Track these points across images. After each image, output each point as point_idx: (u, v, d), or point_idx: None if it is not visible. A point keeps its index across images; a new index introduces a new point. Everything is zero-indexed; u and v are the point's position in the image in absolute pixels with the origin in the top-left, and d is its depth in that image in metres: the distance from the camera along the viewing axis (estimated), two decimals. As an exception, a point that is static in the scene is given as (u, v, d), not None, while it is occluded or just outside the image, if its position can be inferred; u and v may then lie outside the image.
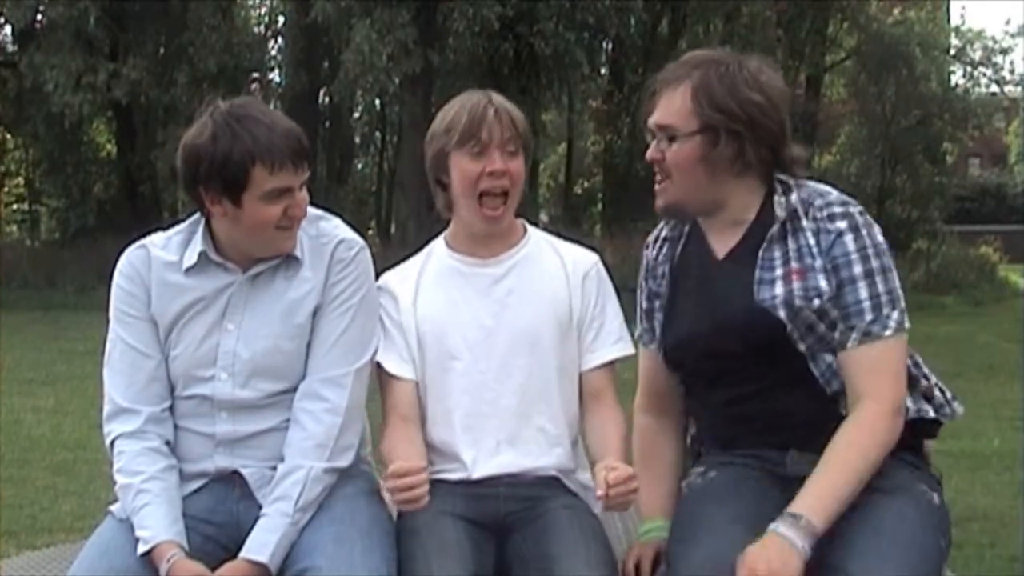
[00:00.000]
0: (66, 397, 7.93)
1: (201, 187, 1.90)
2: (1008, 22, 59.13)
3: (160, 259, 2.02)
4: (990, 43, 22.11)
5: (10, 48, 19.06)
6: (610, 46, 20.38)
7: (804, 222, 1.88)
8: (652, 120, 1.94)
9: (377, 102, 20.14)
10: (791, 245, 1.88)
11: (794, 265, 1.86)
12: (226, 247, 1.98)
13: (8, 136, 21.47)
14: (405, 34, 14.44)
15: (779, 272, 1.87)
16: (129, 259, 2.05)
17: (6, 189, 22.98)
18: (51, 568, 2.21)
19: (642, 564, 1.95)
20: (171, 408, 2.02)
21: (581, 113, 21.90)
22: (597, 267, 2.21)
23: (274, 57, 19.76)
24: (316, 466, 1.93)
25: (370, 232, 22.10)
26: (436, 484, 1.93)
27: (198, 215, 2.00)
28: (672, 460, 2.09)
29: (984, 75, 22.22)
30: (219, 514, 1.99)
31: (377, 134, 22.89)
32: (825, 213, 1.88)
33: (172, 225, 2.09)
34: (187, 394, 2.01)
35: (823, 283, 1.84)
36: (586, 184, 24.86)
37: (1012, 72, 22.82)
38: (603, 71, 21.38)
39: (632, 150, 21.97)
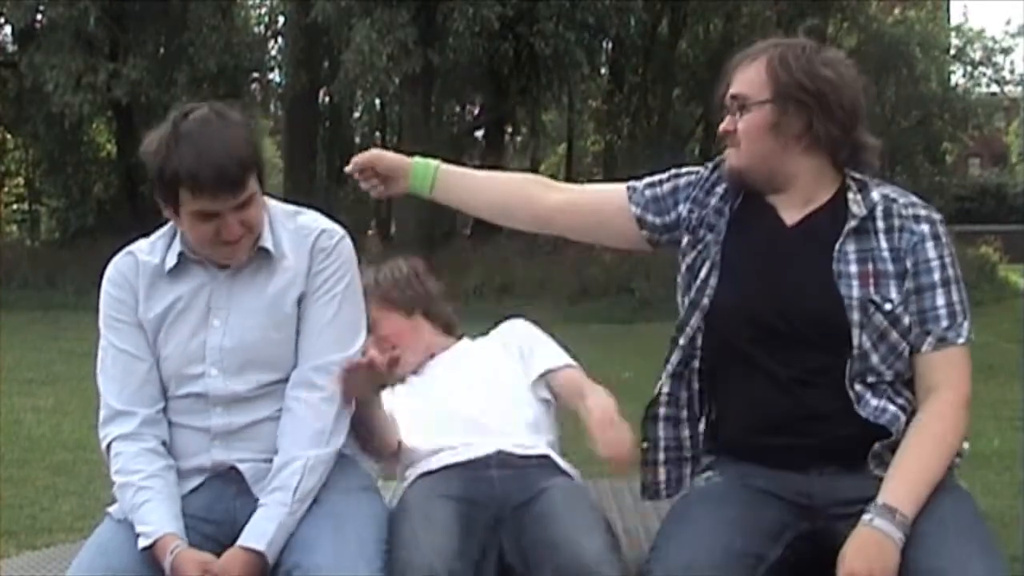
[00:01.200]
0: (66, 397, 7.93)
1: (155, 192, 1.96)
2: (1008, 22, 59.02)
3: (146, 263, 2.05)
4: (990, 43, 22.13)
5: (10, 48, 19.06)
6: (610, 46, 20.38)
7: (880, 223, 1.90)
8: (728, 93, 1.96)
9: (377, 102, 20.14)
10: (867, 244, 1.88)
11: (870, 267, 1.87)
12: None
13: (8, 136, 21.46)
14: (405, 34, 14.43)
15: (854, 269, 1.87)
16: (117, 266, 2.09)
17: (6, 189, 22.97)
18: (51, 568, 2.21)
19: None
20: (165, 408, 2.03)
21: (581, 113, 21.90)
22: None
23: (274, 57, 19.74)
24: (312, 455, 1.94)
25: (370, 232, 22.10)
26: (427, 474, 2.10)
27: None
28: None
29: (984, 75, 22.23)
30: (216, 512, 2.00)
31: (377, 134, 22.87)
32: (911, 212, 1.90)
33: (155, 230, 2.11)
34: (181, 393, 2.02)
35: (894, 292, 1.86)
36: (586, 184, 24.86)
37: (1012, 72, 22.83)
38: (603, 71, 21.39)
39: (632, 150, 22.01)
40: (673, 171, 2.13)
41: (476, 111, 20.36)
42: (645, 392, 2.12)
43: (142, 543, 1.88)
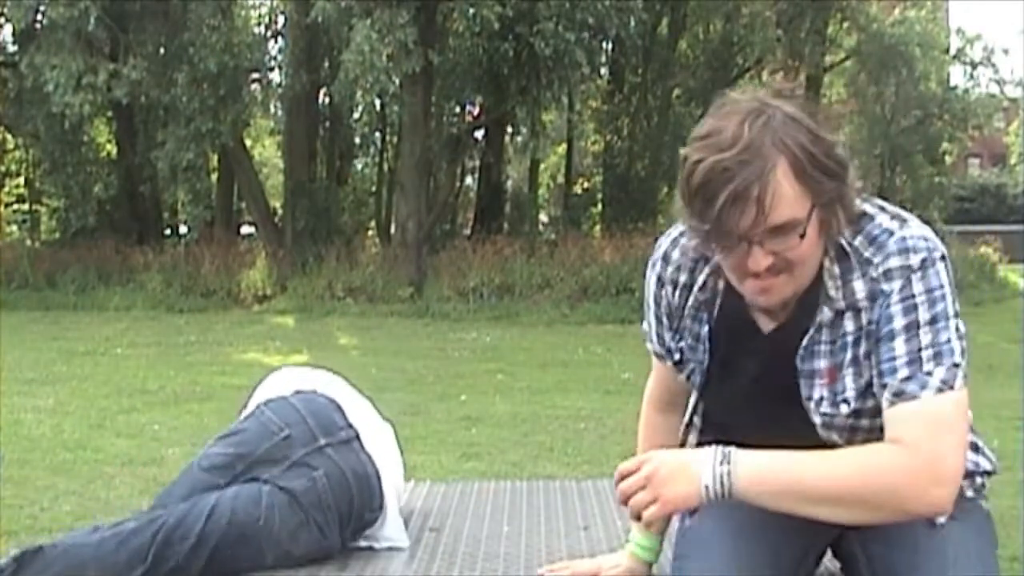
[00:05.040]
0: (66, 397, 7.94)
1: None
2: (1009, 23, 59.01)
3: None
4: (990, 43, 22.13)
5: (10, 48, 19.06)
6: (610, 46, 20.36)
7: (860, 300, 1.60)
8: (764, 227, 1.51)
9: (377, 102, 20.11)
10: (839, 331, 1.63)
11: (829, 363, 1.64)
12: None
13: (8, 136, 21.47)
14: (405, 34, 14.43)
15: (822, 365, 1.64)
16: None
17: (6, 189, 22.96)
18: (51, 568, 2.21)
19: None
20: None
21: (581, 113, 21.89)
22: None
23: (274, 57, 19.73)
24: None
25: (370, 232, 22.10)
26: None
27: None
28: None
29: (984, 75, 22.23)
30: None
31: (377, 134, 22.86)
32: (880, 271, 1.58)
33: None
34: None
35: (849, 383, 1.62)
36: (586, 184, 24.86)
37: (1012, 72, 22.80)
38: (603, 71, 21.39)
39: (632, 150, 22.02)
40: (647, 304, 1.85)
41: (476, 111, 20.34)
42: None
43: None
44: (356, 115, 22.39)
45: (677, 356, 1.82)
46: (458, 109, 20.73)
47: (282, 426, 2.16)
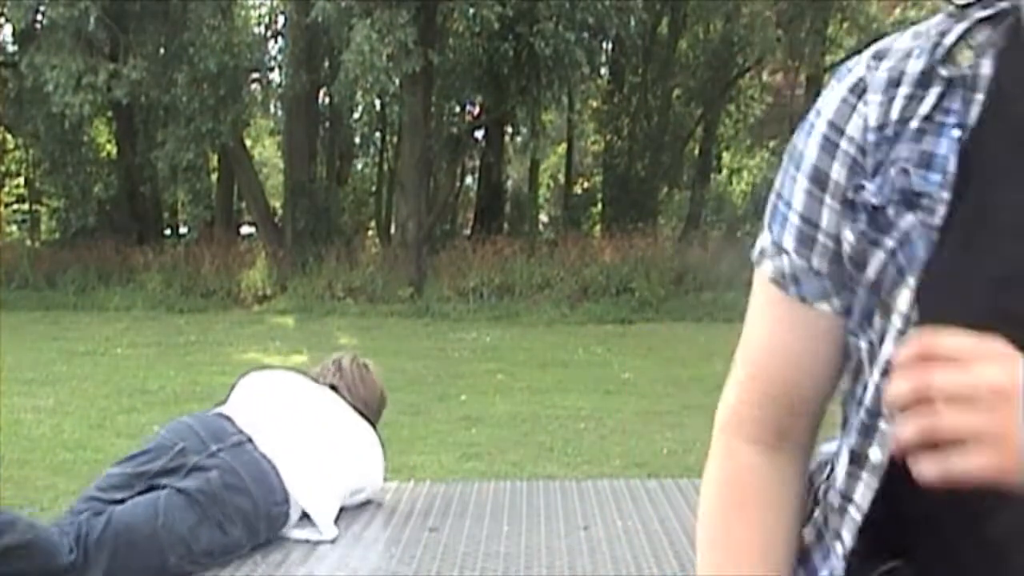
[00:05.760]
0: (66, 397, 7.94)
1: None
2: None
3: None
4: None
5: (10, 48, 19.07)
6: (610, 46, 20.38)
7: None
8: None
9: (377, 102, 20.11)
10: None
11: None
12: None
13: (8, 136, 21.46)
14: (405, 34, 14.44)
15: None
16: None
17: (6, 189, 22.95)
18: (51, 568, 2.21)
19: None
20: None
21: (581, 113, 21.90)
22: None
23: (274, 57, 19.74)
24: None
25: (370, 232, 22.09)
26: None
27: None
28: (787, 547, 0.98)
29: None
30: None
31: (377, 134, 22.86)
32: None
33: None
34: None
35: None
36: (586, 184, 24.86)
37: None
38: (603, 71, 21.39)
39: (632, 150, 22.01)
40: (793, 174, 1.00)
41: (476, 111, 20.35)
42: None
43: None
44: (356, 115, 22.39)
45: (857, 235, 0.91)
46: (458, 109, 20.74)
47: (176, 441, 2.35)
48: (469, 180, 23.39)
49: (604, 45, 19.53)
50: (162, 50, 17.08)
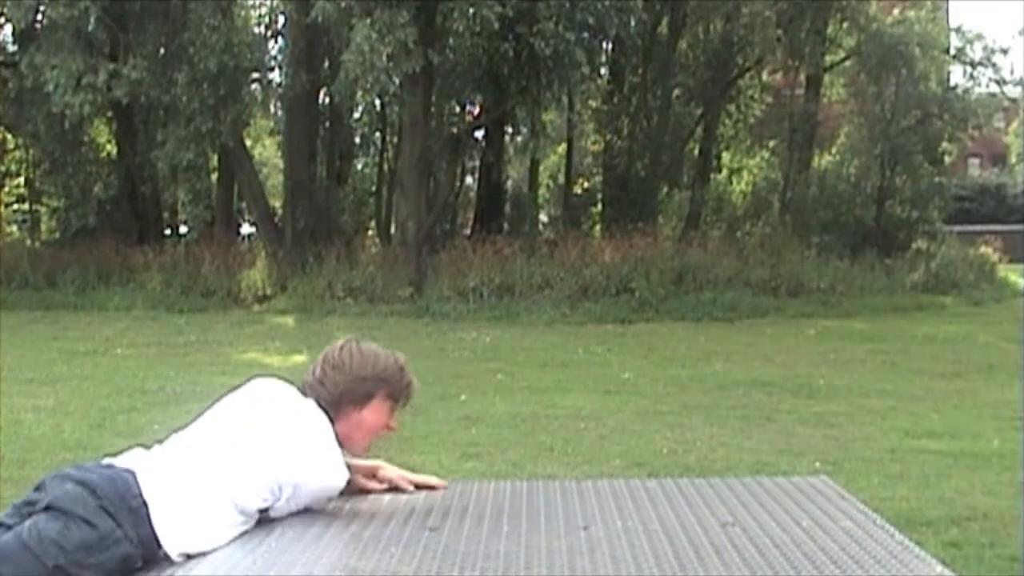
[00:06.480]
0: (66, 397, 7.94)
1: None
2: (1008, 23, 58.91)
3: None
4: (990, 43, 22.09)
5: (10, 48, 19.06)
6: (610, 46, 20.37)
7: None
8: None
9: (377, 102, 20.11)
10: None
11: None
12: None
13: (8, 136, 21.46)
14: (405, 34, 14.44)
15: None
16: None
17: (6, 189, 22.95)
18: (51, 568, 2.22)
19: None
20: None
21: (581, 113, 21.89)
22: None
23: (274, 57, 19.73)
24: None
25: (370, 232, 22.09)
26: None
27: None
28: None
29: (984, 75, 22.19)
30: None
31: (377, 134, 22.85)
32: None
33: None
34: None
35: None
36: (586, 184, 24.86)
37: (1012, 72, 22.79)
38: (603, 71, 21.38)
39: (632, 150, 22.01)
40: None
41: (476, 111, 20.35)
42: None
43: None
44: (356, 115, 22.38)
45: None
46: (458, 109, 20.75)
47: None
48: (469, 180, 23.39)
49: (604, 45, 19.54)
50: (162, 50, 17.09)
